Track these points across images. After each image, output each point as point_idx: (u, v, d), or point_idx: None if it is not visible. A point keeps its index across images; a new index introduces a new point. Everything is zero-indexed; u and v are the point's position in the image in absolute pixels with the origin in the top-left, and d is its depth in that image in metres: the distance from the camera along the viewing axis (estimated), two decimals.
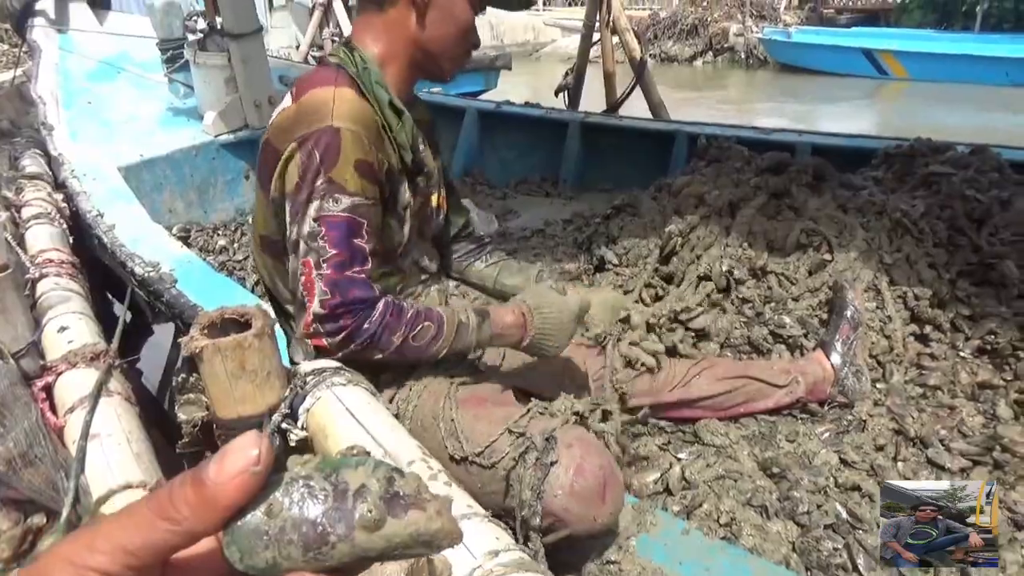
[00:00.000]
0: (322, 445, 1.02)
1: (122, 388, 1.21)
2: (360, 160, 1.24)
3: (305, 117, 1.26)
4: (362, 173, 1.24)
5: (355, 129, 1.24)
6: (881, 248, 2.15)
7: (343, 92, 1.28)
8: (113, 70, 4.15)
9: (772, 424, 1.78)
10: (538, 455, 1.20)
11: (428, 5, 1.32)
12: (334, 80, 1.30)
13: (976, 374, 1.86)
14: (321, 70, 1.36)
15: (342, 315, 1.22)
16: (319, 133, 1.23)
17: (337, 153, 1.22)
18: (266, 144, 1.36)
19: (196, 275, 2.22)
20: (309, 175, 1.22)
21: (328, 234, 1.21)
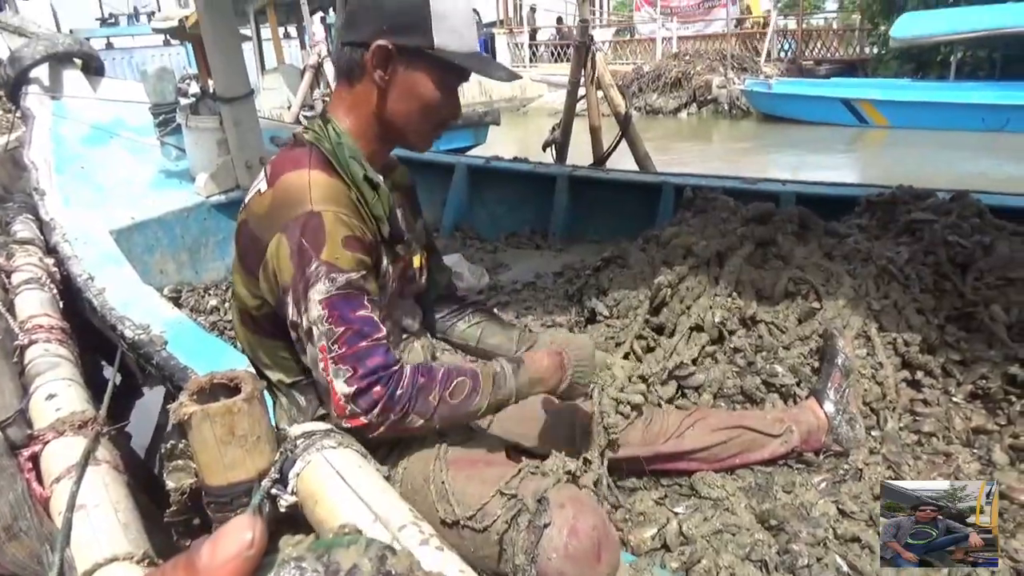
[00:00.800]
0: (312, 510, 1.00)
1: (110, 456, 1.19)
2: (347, 237, 1.24)
3: (283, 204, 1.26)
4: (352, 248, 1.24)
5: (335, 209, 1.25)
6: (868, 295, 2.17)
7: (316, 176, 1.28)
8: (106, 135, 4.20)
9: (768, 475, 1.77)
10: (531, 517, 1.19)
11: (388, 83, 1.32)
12: (307, 162, 1.30)
13: (970, 419, 1.87)
14: (293, 151, 1.35)
15: (370, 386, 1.20)
16: (302, 219, 1.22)
17: (324, 235, 1.21)
18: (243, 226, 1.35)
19: (187, 337, 2.21)
20: (302, 263, 1.21)
21: (332, 314, 1.20)
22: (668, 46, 18.04)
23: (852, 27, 16.77)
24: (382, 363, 1.21)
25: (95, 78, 4.50)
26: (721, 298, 2.20)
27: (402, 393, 1.22)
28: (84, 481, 1.10)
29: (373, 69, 1.29)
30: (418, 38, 1.27)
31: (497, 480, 1.28)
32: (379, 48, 1.27)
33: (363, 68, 1.31)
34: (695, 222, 2.68)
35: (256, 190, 1.35)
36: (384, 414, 1.21)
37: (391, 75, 1.30)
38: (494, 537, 1.23)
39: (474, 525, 1.24)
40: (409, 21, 1.27)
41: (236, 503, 1.02)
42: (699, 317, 2.15)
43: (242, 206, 1.40)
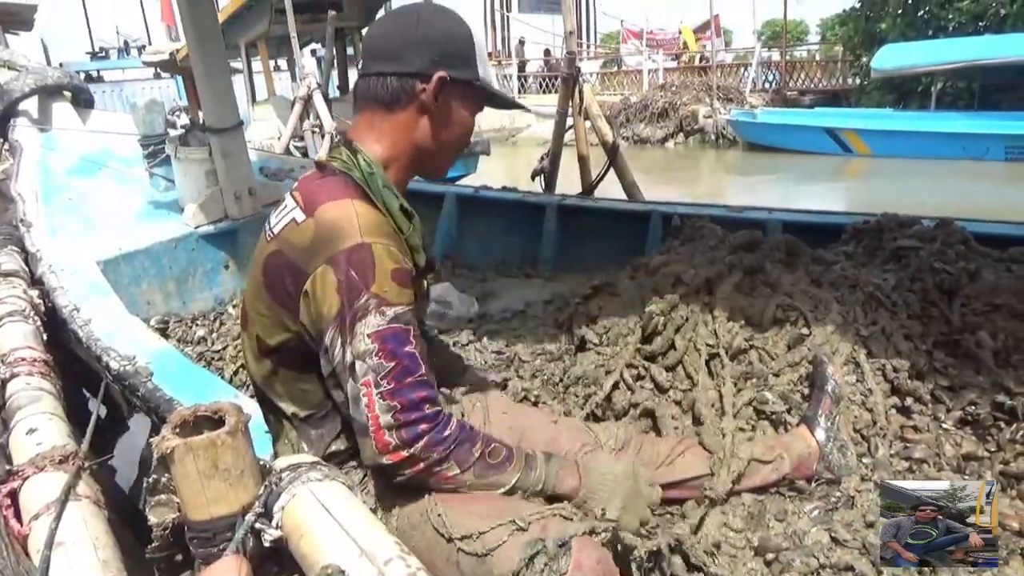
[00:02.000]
0: (297, 545, 0.98)
1: (91, 491, 1.17)
2: (395, 269, 1.23)
3: (328, 235, 1.23)
4: (400, 282, 1.23)
5: (383, 242, 1.23)
6: (857, 321, 2.17)
7: (360, 206, 1.27)
8: (95, 166, 4.20)
9: (761, 503, 1.75)
10: (548, 560, 1.16)
11: (438, 112, 1.36)
12: (347, 192, 1.29)
13: (960, 446, 1.86)
14: (329, 181, 1.33)
15: (416, 421, 1.19)
16: (351, 251, 1.21)
17: (373, 268, 1.20)
18: (276, 256, 1.32)
19: (173, 368, 2.19)
20: (351, 296, 1.19)
21: (383, 349, 1.18)
22: (654, 77, 18.31)
23: (834, 59, 17.09)
24: (428, 396, 1.21)
25: (84, 110, 4.51)
26: (712, 326, 2.20)
27: (448, 435, 1.22)
28: (64, 517, 1.08)
29: (432, 98, 1.33)
30: (468, 71, 1.36)
31: (499, 514, 1.26)
32: (440, 79, 1.32)
33: (412, 96, 1.34)
34: (683, 250, 2.69)
35: (290, 219, 1.32)
36: (428, 450, 1.20)
37: (442, 103, 1.35)
38: (497, 572, 1.21)
39: (475, 550, 1.22)
40: (460, 54, 1.35)
41: (219, 538, 1.00)
42: (697, 343, 2.14)
43: (268, 234, 1.38)
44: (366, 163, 1.33)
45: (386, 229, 1.27)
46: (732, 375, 2.06)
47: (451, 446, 1.22)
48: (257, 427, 1.74)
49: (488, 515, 1.26)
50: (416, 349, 1.22)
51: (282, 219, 1.34)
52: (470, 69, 1.36)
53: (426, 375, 1.22)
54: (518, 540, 1.22)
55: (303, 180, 1.41)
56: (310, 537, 0.96)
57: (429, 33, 1.35)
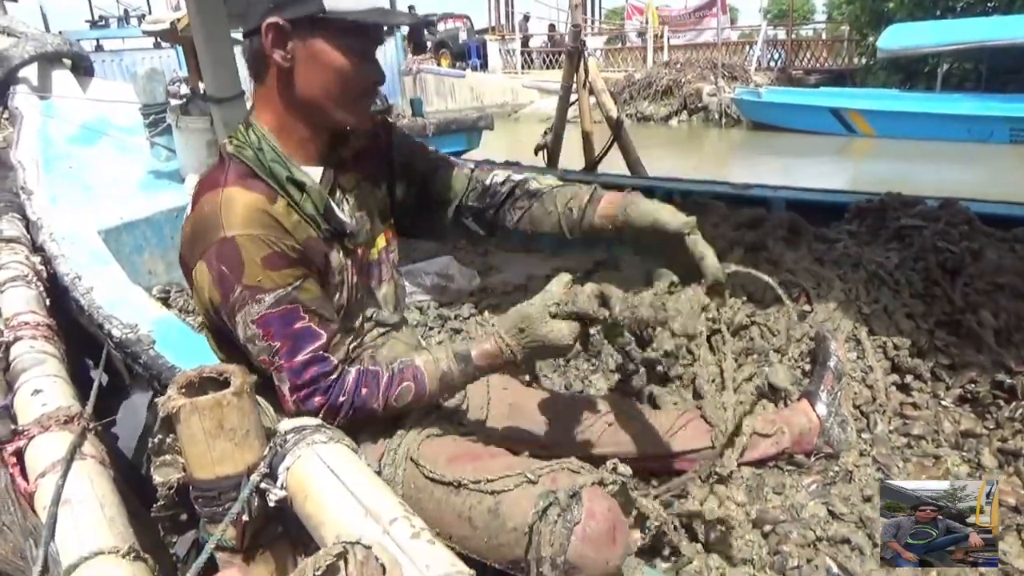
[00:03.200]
0: (302, 505, 0.99)
1: (96, 451, 1.18)
2: (265, 256, 1.22)
3: (200, 230, 1.25)
4: (273, 267, 1.22)
5: (249, 232, 1.22)
6: (859, 299, 2.18)
7: (229, 194, 1.24)
8: (95, 135, 4.18)
9: (759, 476, 1.76)
10: (561, 511, 1.19)
11: (292, 63, 1.27)
12: (221, 180, 1.27)
13: (959, 423, 1.87)
14: (213, 169, 1.34)
15: (309, 396, 1.24)
16: (217, 247, 1.21)
17: (240, 261, 1.20)
18: (180, 254, 1.35)
19: (175, 336, 2.19)
20: (225, 289, 1.22)
21: (267, 331, 1.22)
22: (659, 54, 18.15)
23: (840, 38, 16.93)
24: (318, 372, 1.24)
25: (84, 78, 4.47)
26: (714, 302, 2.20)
27: (344, 401, 1.26)
28: (69, 476, 1.09)
29: (272, 51, 1.25)
30: (306, 5, 1.22)
31: (508, 468, 1.29)
32: (270, 27, 1.23)
33: (264, 56, 1.27)
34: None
35: (186, 215, 1.34)
36: (329, 418, 1.25)
37: (292, 53, 1.25)
38: (510, 524, 1.23)
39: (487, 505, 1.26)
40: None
41: (224, 498, 1.01)
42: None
43: None
44: (256, 137, 1.31)
45: (255, 216, 1.23)
46: (733, 351, 2.07)
47: (348, 410, 1.26)
48: None
49: (497, 470, 1.28)
50: (308, 323, 1.24)
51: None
52: (308, 2, 1.22)
53: (319, 348, 1.24)
54: (530, 492, 1.24)
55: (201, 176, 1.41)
56: (315, 498, 0.97)
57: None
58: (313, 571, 0.67)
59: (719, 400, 1.89)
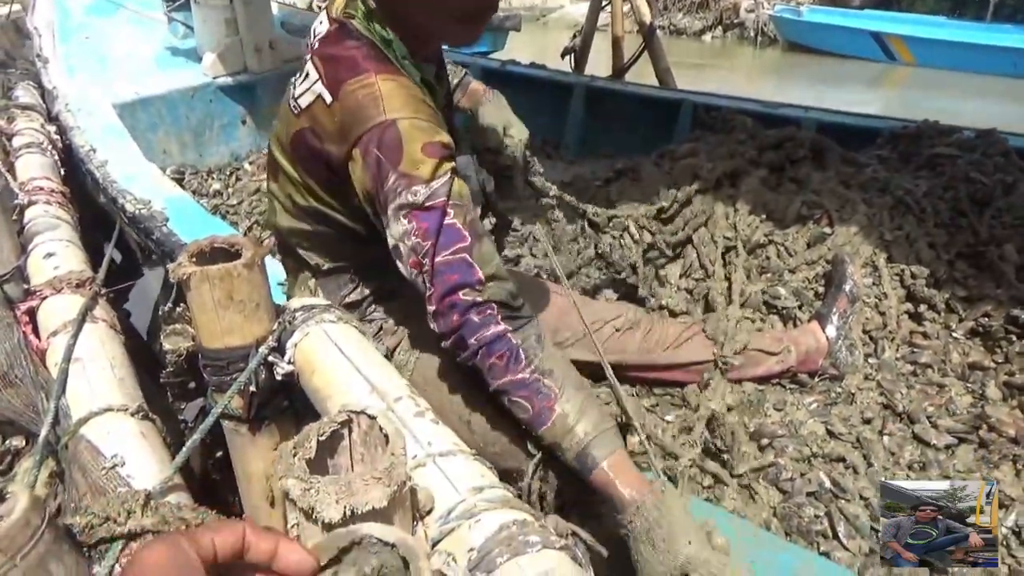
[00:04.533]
0: (309, 379, 1.00)
1: (107, 316, 1.19)
2: (426, 144, 1.14)
3: (354, 117, 1.17)
4: (432, 154, 1.14)
5: (410, 117, 1.15)
6: (882, 225, 2.13)
7: (384, 81, 1.17)
8: (112, 6, 4.05)
9: (761, 392, 1.77)
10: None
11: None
12: (371, 67, 1.19)
13: (968, 355, 1.86)
14: (349, 49, 1.22)
15: (448, 310, 1.14)
16: (376, 131, 1.14)
17: (400, 147, 1.13)
18: (305, 134, 1.26)
19: (188, 215, 2.19)
20: (380, 177, 1.14)
21: (419, 227, 1.13)
22: None
23: None
24: (461, 281, 1.13)
25: None
26: (732, 220, 2.17)
27: (471, 344, 1.14)
28: (81, 336, 1.10)
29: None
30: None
31: None
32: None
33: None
34: (712, 140, 2.61)
35: (316, 96, 1.23)
36: (457, 348, 1.16)
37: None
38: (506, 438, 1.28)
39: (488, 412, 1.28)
40: None
41: (232, 368, 1.02)
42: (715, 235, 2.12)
43: (294, 106, 1.28)
44: (381, 27, 1.23)
45: (414, 101, 1.18)
46: (746, 267, 2.04)
47: (469, 356, 1.15)
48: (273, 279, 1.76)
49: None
50: (458, 220, 1.15)
51: (307, 93, 1.25)
52: None
53: (466, 252, 1.14)
54: None
55: (323, 43, 1.28)
56: (322, 373, 0.98)
57: None
58: (317, 436, 0.68)
59: (725, 313, 1.88)
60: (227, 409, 1.01)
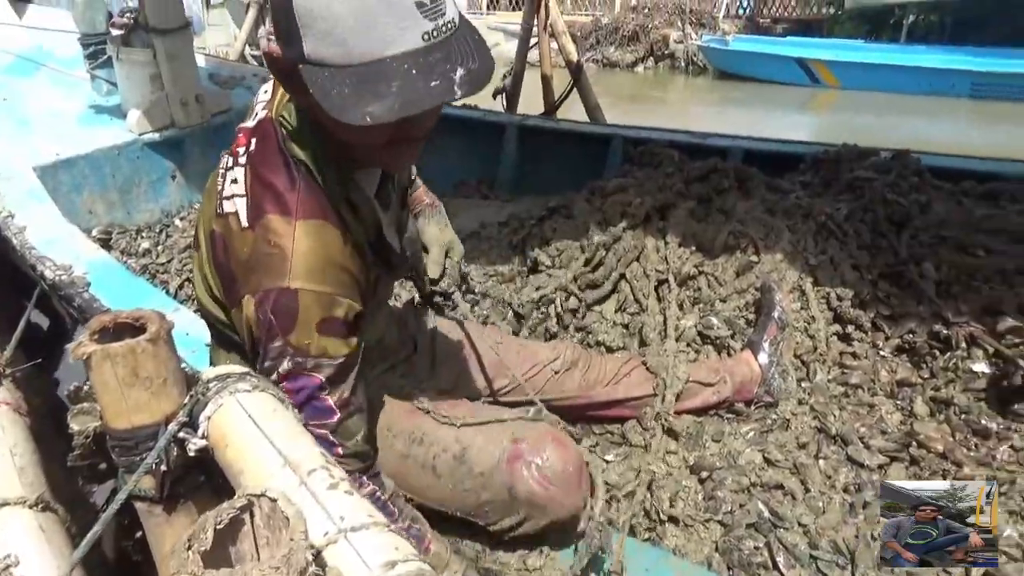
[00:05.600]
0: (223, 454, 0.96)
1: (11, 398, 1.13)
2: (323, 320, 1.08)
3: (259, 263, 1.08)
4: (327, 332, 1.09)
5: (315, 288, 1.06)
6: (807, 250, 2.19)
7: (302, 235, 1.07)
8: (32, 66, 3.97)
9: (699, 424, 1.79)
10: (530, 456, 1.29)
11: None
12: (294, 209, 1.07)
13: (895, 372, 1.91)
14: (278, 173, 1.10)
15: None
16: (274, 293, 1.06)
17: (295, 318, 1.06)
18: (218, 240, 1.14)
19: (113, 279, 2.13)
20: (268, 336, 1.08)
21: (287, 385, 1.09)
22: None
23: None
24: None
25: (21, 4, 4.24)
26: (663, 253, 2.20)
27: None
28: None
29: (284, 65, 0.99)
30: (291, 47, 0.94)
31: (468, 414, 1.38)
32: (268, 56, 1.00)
33: None
34: (641, 175, 2.66)
35: (235, 208, 1.10)
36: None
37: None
38: (477, 470, 1.31)
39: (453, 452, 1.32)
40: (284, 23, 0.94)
41: (141, 447, 0.98)
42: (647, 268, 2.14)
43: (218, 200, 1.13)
44: (310, 133, 1.10)
45: (324, 266, 1.08)
46: (679, 300, 2.07)
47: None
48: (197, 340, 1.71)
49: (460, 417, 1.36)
50: (332, 398, 1.11)
51: (232, 199, 1.12)
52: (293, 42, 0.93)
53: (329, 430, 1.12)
54: (496, 438, 1.33)
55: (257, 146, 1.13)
56: (235, 446, 0.94)
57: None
58: (215, 523, 0.65)
59: (662, 348, 1.90)
60: (137, 490, 0.96)
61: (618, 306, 2.13)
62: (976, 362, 1.82)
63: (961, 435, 1.67)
